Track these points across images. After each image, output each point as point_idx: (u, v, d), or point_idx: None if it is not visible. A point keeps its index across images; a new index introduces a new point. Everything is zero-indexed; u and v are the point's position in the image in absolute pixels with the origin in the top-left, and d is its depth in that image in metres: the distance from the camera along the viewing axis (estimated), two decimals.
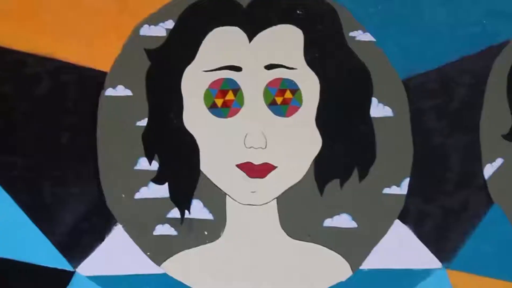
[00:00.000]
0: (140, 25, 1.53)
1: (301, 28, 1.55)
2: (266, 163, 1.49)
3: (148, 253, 1.47)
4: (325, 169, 1.52)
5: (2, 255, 1.45)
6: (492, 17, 1.57)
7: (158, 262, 1.47)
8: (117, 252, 1.47)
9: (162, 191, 1.49)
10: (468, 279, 1.49)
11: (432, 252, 1.50)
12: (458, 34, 1.57)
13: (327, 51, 1.55)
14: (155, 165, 1.49)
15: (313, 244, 1.50)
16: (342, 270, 1.49)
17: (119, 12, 1.54)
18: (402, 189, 1.51)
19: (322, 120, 1.53)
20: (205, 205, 1.49)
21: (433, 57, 1.56)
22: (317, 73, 1.53)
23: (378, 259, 1.50)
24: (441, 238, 1.51)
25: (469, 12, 1.58)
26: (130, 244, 1.48)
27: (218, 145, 1.51)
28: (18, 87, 1.51)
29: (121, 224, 1.48)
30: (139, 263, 1.48)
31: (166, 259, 1.48)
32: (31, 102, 1.50)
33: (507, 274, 1.50)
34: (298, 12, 1.55)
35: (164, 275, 1.46)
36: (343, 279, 1.48)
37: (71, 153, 1.50)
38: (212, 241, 1.49)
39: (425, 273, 1.49)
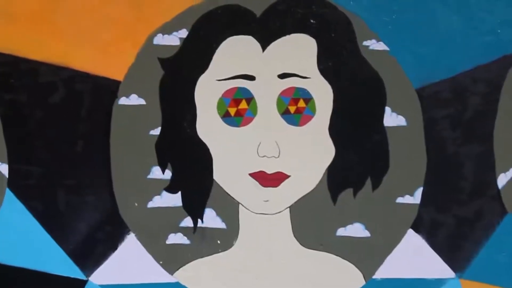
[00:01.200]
0: (154, 34, 1.53)
1: (314, 37, 1.54)
2: (279, 172, 1.49)
3: (161, 262, 1.47)
4: (338, 178, 1.51)
5: (16, 264, 1.45)
6: (507, 26, 1.56)
7: (171, 271, 1.46)
8: (130, 261, 1.47)
9: (175, 200, 1.49)
10: None
11: (445, 262, 1.49)
12: (472, 43, 1.56)
13: (341, 60, 1.55)
14: (168, 174, 1.49)
15: (326, 253, 1.49)
16: (355, 279, 1.49)
17: (133, 21, 1.54)
18: (415, 198, 1.50)
19: (335, 129, 1.52)
20: (218, 214, 1.49)
21: (446, 66, 1.55)
22: (330, 82, 1.52)
23: (391, 268, 1.49)
24: (454, 248, 1.51)
25: (484, 21, 1.57)
26: (143, 253, 1.47)
27: (231, 154, 1.51)
28: (33, 96, 1.51)
29: (134, 232, 1.48)
30: (151, 272, 1.47)
31: (179, 268, 1.47)
32: (46, 110, 1.51)
33: None
34: (311, 21, 1.55)
35: (177, 284, 1.46)
36: (358, 287, 1.49)
37: (85, 162, 1.51)
38: (225, 250, 1.48)
39: (438, 283, 1.49)
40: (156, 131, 1.50)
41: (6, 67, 1.52)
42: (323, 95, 1.52)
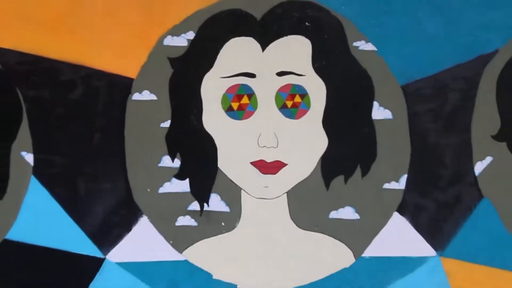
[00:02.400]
0: (164, 36, 1.60)
1: (309, 39, 1.61)
2: (278, 160, 1.56)
3: (171, 242, 1.55)
4: (331, 166, 1.58)
5: (41, 243, 1.53)
6: (483, 29, 1.63)
7: (180, 250, 1.55)
8: (142, 241, 1.55)
9: (183, 186, 1.56)
10: (460, 265, 1.55)
11: (427, 241, 1.57)
12: (452, 44, 1.63)
13: (333, 60, 1.62)
14: (177, 163, 1.56)
15: (319, 234, 1.56)
16: (345, 257, 1.56)
17: (144, 24, 1.62)
18: (400, 184, 1.57)
19: (328, 122, 1.59)
20: (222, 198, 1.57)
21: (429, 65, 1.62)
22: (324, 79, 1.59)
23: (378, 247, 1.57)
24: (435, 229, 1.58)
25: (462, 24, 1.64)
26: (155, 234, 1.55)
27: (234, 145, 1.58)
28: (54, 93, 1.59)
29: (146, 215, 1.56)
30: (162, 250, 1.55)
31: (187, 247, 1.55)
32: (66, 106, 1.58)
33: (495, 261, 1.56)
34: (307, 24, 1.62)
35: (185, 261, 1.55)
36: (347, 265, 1.55)
37: (102, 152, 1.58)
38: (228, 231, 1.56)
39: (421, 260, 1.56)
40: (166, 124, 1.57)
41: (30, 66, 1.58)
42: (317, 91, 1.59)
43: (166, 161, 1.58)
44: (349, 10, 1.65)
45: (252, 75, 1.60)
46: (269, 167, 1.58)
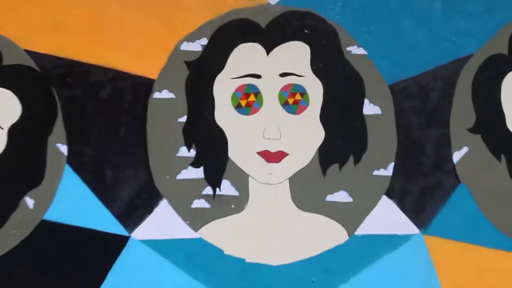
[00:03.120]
0: (181, 42, 1.70)
1: (308, 44, 1.70)
2: (281, 151, 1.65)
3: (187, 222, 1.64)
4: (327, 155, 1.67)
5: (74, 223, 1.63)
6: (460, 35, 1.72)
7: (195, 229, 1.64)
8: (162, 221, 1.64)
9: (198, 173, 1.65)
10: (440, 242, 1.64)
11: (411, 221, 1.66)
12: (433, 49, 1.72)
13: (329, 62, 1.71)
14: (192, 153, 1.66)
15: (317, 215, 1.66)
16: (340, 235, 1.65)
17: (164, 31, 1.71)
18: (388, 171, 1.67)
19: (325, 117, 1.68)
20: (232, 184, 1.66)
21: (412, 67, 1.72)
22: (321, 80, 1.69)
23: (369, 226, 1.66)
24: (419, 210, 1.67)
25: (442, 32, 1.73)
26: (173, 215, 1.64)
27: (242, 137, 1.67)
28: (85, 92, 1.68)
29: (166, 199, 1.64)
30: (180, 229, 1.64)
31: (201, 226, 1.64)
32: (96, 103, 1.68)
33: (470, 238, 1.65)
34: (306, 31, 1.71)
35: (200, 239, 1.64)
36: (341, 242, 1.64)
37: (127, 144, 1.67)
38: (237, 213, 1.65)
39: (406, 238, 1.65)
40: (183, 119, 1.67)
41: (64, 69, 1.67)
42: (315, 90, 1.68)
43: (183, 151, 1.66)
44: (343, 19, 1.72)
45: (258, 76, 1.68)
46: (273, 156, 1.66)
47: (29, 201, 1.63)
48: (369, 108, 1.71)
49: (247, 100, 1.69)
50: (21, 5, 1.72)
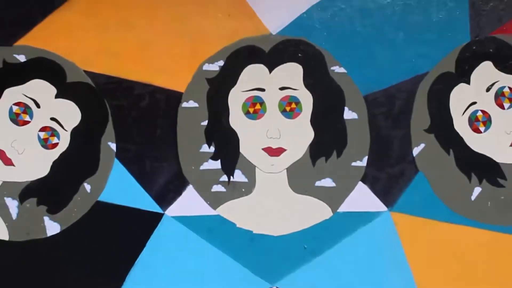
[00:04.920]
0: (203, 64, 1.77)
1: (301, 65, 1.77)
2: (280, 147, 1.73)
3: (208, 202, 1.73)
4: (316, 151, 1.74)
5: (122, 203, 1.72)
6: (419, 57, 1.79)
7: (214, 208, 1.73)
8: (189, 202, 1.72)
9: (216, 164, 1.74)
10: (403, 217, 1.73)
11: (381, 201, 1.74)
12: (397, 68, 1.78)
13: (317, 79, 1.77)
14: (212, 149, 1.73)
15: (308, 196, 1.73)
16: (326, 212, 1.73)
17: (190, 56, 1.78)
18: (363, 162, 1.74)
19: (314, 121, 1.75)
20: (243, 173, 1.74)
21: (382, 82, 1.78)
22: (311, 92, 1.75)
23: (348, 205, 1.73)
24: (386, 192, 1.75)
25: (405, 54, 1.80)
26: (197, 197, 1.73)
27: (251, 137, 1.74)
28: (130, 102, 1.75)
29: (192, 184, 1.73)
30: (202, 208, 1.72)
31: (219, 206, 1.73)
32: (137, 111, 1.75)
33: (427, 214, 1.73)
34: (299, 55, 1.77)
35: (218, 215, 1.72)
36: (327, 218, 1.73)
37: (162, 142, 1.74)
38: (247, 195, 1.73)
39: (377, 214, 1.74)
40: (205, 123, 1.74)
41: (114, 85, 1.75)
42: (307, 100, 1.75)
43: (205, 148, 1.73)
44: (328, 45, 1.78)
45: (262, 90, 1.74)
46: (274, 152, 1.72)
47: (87, 186, 1.71)
48: (348, 114, 1.75)
49: (254, 108, 1.72)
50: (81, 37, 1.77)
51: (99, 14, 1.77)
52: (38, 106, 1.73)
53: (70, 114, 1.74)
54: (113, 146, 1.74)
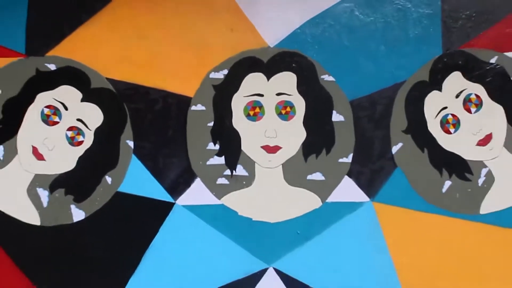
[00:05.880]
0: (210, 72, 1.86)
1: (295, 73, 1.86)
2: (277, 145, 1.83)
3: (213, 193, 1.83)
4: (308, 148, 1.83)
5: (138, 194, 1.82)
6: (398, 68, 1.88)
7: (219, 198, 1.82)
8: (197, 192, 1.82)
9: (221, 160, 1.83)
10: (384, 207, 1.82)
11: (364, 193, 1.83)
12: (379, 77, 1.87)
13: (309, 86, 1.85)
14: (217, 147, 1.84)
15: (301, 188, 1.82)
16: (316, 202, 1.83)
17: (198, 65, 1.87)
18: (349, 159, 1.84)
19: (306, 123, 1.84)
20: (244, 167, 1.83)
21: (365, 89, 1.87)
22: (303, 98, 1.84)
23: (335, 196, 1.83)
24: (369, 185, 1.83)
25: (386, 66, 1.88)
26: (204, 188, 1.83)
27: (251, 136, 1.83)
28: (146, 105, 1.85)
29: (199, 177, 1.83)
30: (208, 198, 1.82)
31: (223, 196, 1.82)
32: (152, 113, 1.85)
33: (405, 204, 1.81)
34: (293, 65, 1.86)
35: (222, 205, 1.82)
36: (317, 207, 1.82)
37: (173, 141, 1.84)
38: (247, 187, 1.83)
39: (360, 204, 1.82)
40: (211, 124, 1.84)
41: (132, 91, 1.85)
42: (300, 104, 1.84)
43: (211, 146, 1.83)
44: (319, 57, 1.87)
45: (261, 95, 1.83)
46: (271, 149, 1.82)
47: (108, 179, 1.81)
48: (336, 117, 1.84)
49: (254, 111, 1.82)
50: (103, 48, 1.86)
51: (119, 28, 1.87)
52: (66, 108, 1.84)
53: (94, 116, 1.85)
54: (131, 144, 1.84)
